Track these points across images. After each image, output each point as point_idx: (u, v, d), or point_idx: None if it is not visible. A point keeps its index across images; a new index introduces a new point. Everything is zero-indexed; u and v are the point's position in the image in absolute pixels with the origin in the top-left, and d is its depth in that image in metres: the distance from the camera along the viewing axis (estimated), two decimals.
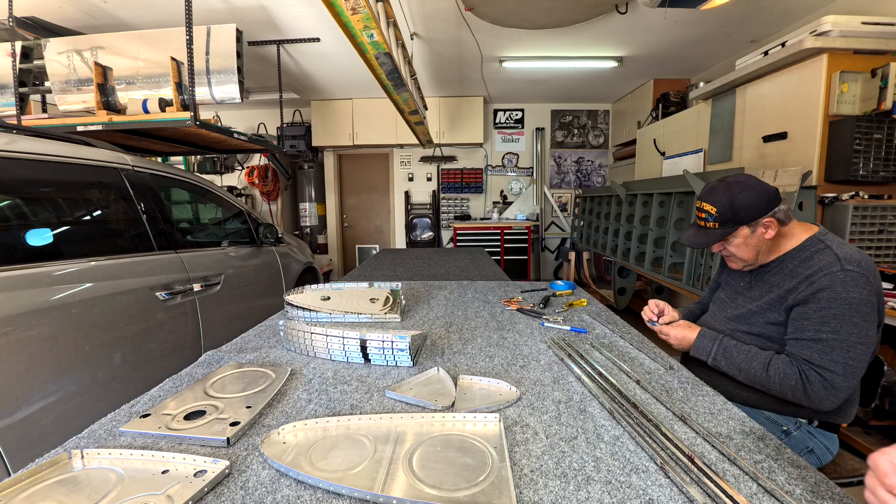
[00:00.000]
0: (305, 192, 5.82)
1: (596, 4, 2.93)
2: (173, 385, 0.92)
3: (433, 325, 1.34)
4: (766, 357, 1.01)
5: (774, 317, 1.05)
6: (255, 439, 0.71)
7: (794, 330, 0.99)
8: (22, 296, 1.27)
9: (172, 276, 1.84)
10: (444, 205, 6.07)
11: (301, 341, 1.09)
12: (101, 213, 1.75)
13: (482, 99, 5.46)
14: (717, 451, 0.66)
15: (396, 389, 0.86)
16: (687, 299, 3.33)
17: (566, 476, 0.60)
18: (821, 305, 0.95)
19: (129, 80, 2.65)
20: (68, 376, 1.37)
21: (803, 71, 2.37)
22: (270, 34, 3.49)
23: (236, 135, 2.79)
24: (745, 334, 1.11)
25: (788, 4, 3.00)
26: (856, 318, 0.92)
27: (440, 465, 0.62)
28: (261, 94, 4.83)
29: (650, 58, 4.09)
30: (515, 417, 0.77)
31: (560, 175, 6.04)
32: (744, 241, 1.08)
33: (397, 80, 2.53)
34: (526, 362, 1.03)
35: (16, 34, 2.60)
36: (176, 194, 2.27)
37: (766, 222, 1.04)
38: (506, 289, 1.86)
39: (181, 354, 1.83)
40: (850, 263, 0.95)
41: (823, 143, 2.26)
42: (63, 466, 0.62)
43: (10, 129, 1.53)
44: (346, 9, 1.64)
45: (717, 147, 3.19)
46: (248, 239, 2.67)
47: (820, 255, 1.00)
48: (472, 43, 3.68)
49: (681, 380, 0.93)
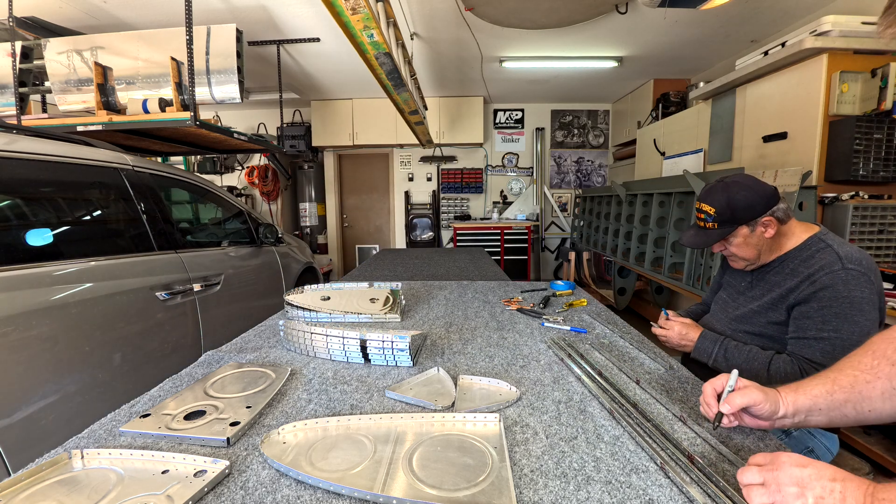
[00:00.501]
0: (305, 192, 5.82)
1: (596, 4, 2.93)
2: (173, 385, 0.92)
3: (433, 325, 1.34)
4: (767, 357, 1.01)
5: (776, 316, 1.05)
6: (255, 439, 0.71)
7: (796, 329, 1.00)
8: (22, 296, 1.27)
9: (172, 276, 1.84)
10: (444, 205, 6.07)
11: (301, 341, 1.09)
12: (101, 213, 1.75)
13: (482, 99, 5.47)
14: (717, 452, 0.66)
15: (396, 389, 0.86)
16: (687, 299, 3.33)
17: (566, 476, 0.60)
18: (822, 304, 0.95)
19: (129, 80, 2.65)
20: (68, 376, 1.37)
21: (803, 71, 2.37)
22: (270, 34, 3.49)
23: (236, 135, 2.79)
24: (747, 334, 1.11)
25: (788, 4, 3.00)
26: (857, 317, 0.92)
27: (440, 465, 0.62)
28: (261, 94, 4.83)
29: (650, 58, 4.09)
30: (515, 417, 0.77)
31: (560, 175, 6.05)
32: (744, 241, 1.08)
33: (397, 80, 2.53)
34: (526, 362, 1.03)
35: (16, 34, 2.60)
36: (176, 194, 2.27)
37: (765, 221, 1.05)
38: (506, 289, 1.86)
39: (181, 354, 1.83)
40: (851, 262, 0.95)
41: (823, 143, 2.26)
42: (63, 466, 0.62)
43: (10, 129, 1.53)
44: (346, 9, 1.64)
45: (717, 147, 3.19)
46: (248, 239, 2.67)
47: (821, 254, 1.00)
48: (472, 43, 3.68)
49: (681, 380, 0.93)
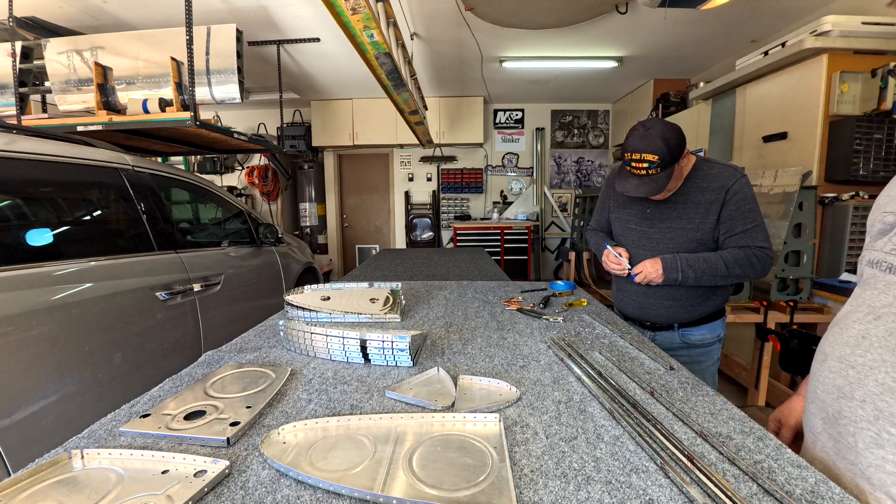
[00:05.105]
0: (305, 192, 5.82)
1: (596, 4, 2.93)
2: (173, 385, 0.92)
3: (433, 325, 1.34)
4: (719, 255, 1.26)
5: (709, 224, 1.29)
6: (255, 439, 0.71)
7: (727, 230, 1.27)
8: (22, 296, 1.27)
9: (172, 276, 1.84)
10: (444, 205, 6.07)
11: (301, 341, 1.09)
12: (101, 213, 1.75)
13: (482, 99, 5.47)
14: (717, 451, 0.66)
15: (396, 389, 0.86)
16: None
17: (566, 476, 0.60)
18: (740, 206, 1.25)
19: (129, 80, 2.65)
20: (68, 376, 1.37)
21: (803, 71, 2.37)
22: (270, 34, 3.49)
23: (236, 135, 2.79)
24: (690, 250, 1.32)
25: (788, 4, 3.00)
26: (758, 207, 1.27)
27: (440, 465, 0.62)
28: (261, 94, 4.83)
29: (650, 58, 4.09)
30: (515, 417, 0.77)
31: (560, 175, 6.04)
32: (676, 175, 1.27)
33: (397, 80, 2.53)
34: (526, 362, 1.03)
35: (16, 34, 2.60)
36: (176, 194, 2.27)
37: (685, 153, 1.26)
38: (506, 289, 1.86)
39: (181, 354, 1.83)
40: (739, 171, 1.28)
41: (823, 143, 2.26)
42: (63, 466, 0.62)
43: (10, 129, 1.52)
44: (346, 9, 1.64)
45: (717, 147, 3.19)
46: (248, 239, 2.67)
47: (718, 169, 1.29)
48: (472, 43, 3.68)
49: (681, 380, 0.93)
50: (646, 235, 1.40)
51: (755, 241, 1.24)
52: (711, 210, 1.27)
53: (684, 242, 1.32)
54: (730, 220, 1.26)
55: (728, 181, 1.25)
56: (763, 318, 2.21)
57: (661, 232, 1.36)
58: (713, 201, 1.27)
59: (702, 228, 1.29)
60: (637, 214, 1.42)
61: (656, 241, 1.37)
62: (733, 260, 1.24)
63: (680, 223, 1.32)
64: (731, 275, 1.25)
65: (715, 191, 1.26)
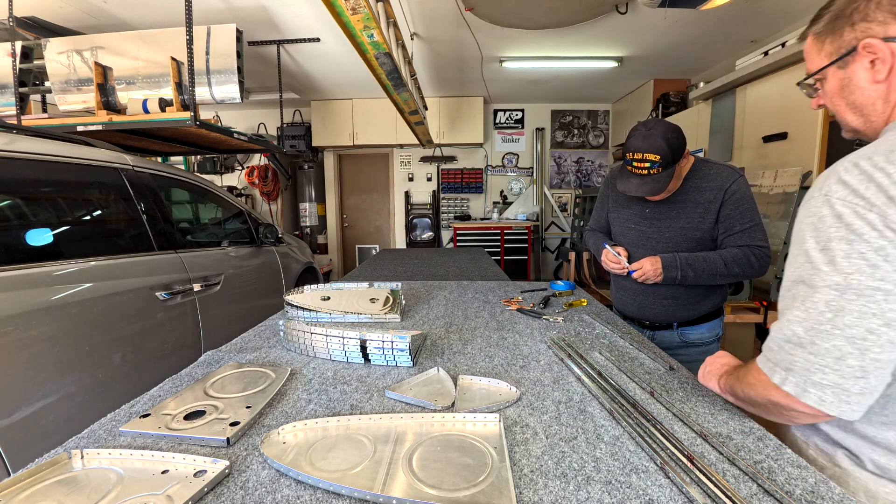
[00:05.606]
0: (305, 192, 5.82)
1: (596, 4, 2.93)
2: (173, 385, 0.92)
3: (433, 325, 1.34)
4: (718, 254, 1.27)
5: (708, 223, 1.30)
6: (255, 439, 0.71)
7: (726, 229, 1.28)
8: (22, 296, 1.27)
9: (172, 276, 1.84)
10: (444, 205, 6.07)
11: (301, 341, 1.09)
12: (101, 213, 1.75)
13: (482, 99, 5.46)
14: (717, 452, 0.66)
15: (396, 389, 0.86)
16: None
17: (566, 476, 0.60)
18: (739, 206, 1.25)
19: (129, 80, 2.65)
20: (68, 376, 1.37)
21: (803, 71, 2.37)
22: (270, 34, 3.49)
23: (236, 135, 2.79)
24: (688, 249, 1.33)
25: (788, 4, 3.00)
26: (756, 207, 1.27)
27: (440, 465, 0.62)
28: (261, 94, 4.82)
29: (650, 58, 4.09)
30: (515, 417, 0.77)
31: (560, 175, 6.04)
32: (676, 175, 1.28)
33: (397, 80, 2.53)
34: (526, 362, 1.03)
35: (16, 34, 2.60)
36: (176, 194, 2.27)
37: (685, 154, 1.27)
38: (506, 289, 1.86)
39: (181, 354, 1.83)
40: (737, 171, 1.28)
41: (823, 143, 2.26)
42: (63, 466, 0.62)
43: (10, 129, 1.53)
44: (346, 9, 1.64)
45: (717, 147, 3.19)
46: (248, 239, 2.67)
47: (716, 169, 1.30)
48: (472, 43, 3.68)
49: (681, 380, 0.93)
50: (645, 235, 1.41)
51: (753, 240, 1.25)
52: (710, 210, 1.28)
53: (683, 242, 1.33)
54: (728, 220, 1.27)
55: (726, 181, 1.27)
56: (763, 318, 2.21)
57: (659, 232, 1.37)
58: (712, 201, 1.28)
59: (700, 228, 1.30)
60: (636, 214, 1.42)
61: (655, 240, 1.38)
62: (732, 259, 1.25)
63: (679, 223, 1.33)
64: (730, 274, 1.26)
65: (713, 191, 1.28)
